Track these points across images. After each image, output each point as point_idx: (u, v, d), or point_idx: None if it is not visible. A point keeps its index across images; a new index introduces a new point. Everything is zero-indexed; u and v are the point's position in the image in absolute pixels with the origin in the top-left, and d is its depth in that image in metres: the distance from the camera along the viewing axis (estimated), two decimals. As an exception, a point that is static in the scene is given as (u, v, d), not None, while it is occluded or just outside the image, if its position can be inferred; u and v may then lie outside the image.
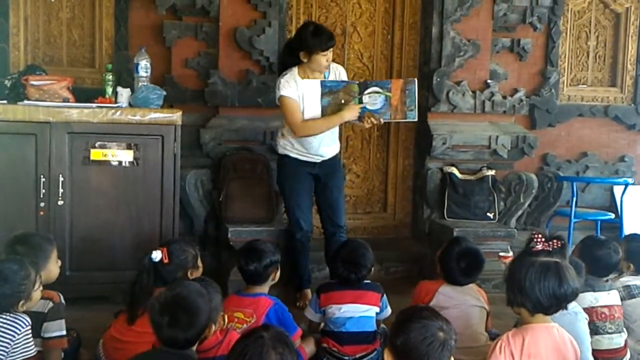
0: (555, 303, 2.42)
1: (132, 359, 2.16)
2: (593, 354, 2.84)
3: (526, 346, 2.36)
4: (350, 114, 3.74)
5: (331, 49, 3.74)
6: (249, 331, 1.94)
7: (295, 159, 3.91)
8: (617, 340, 3.17)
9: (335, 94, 3.75)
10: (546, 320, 2.45)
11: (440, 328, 2.01)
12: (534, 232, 2.89)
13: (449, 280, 3.12)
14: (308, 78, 3.78)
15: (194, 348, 2.21)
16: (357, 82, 3.86)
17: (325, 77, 3.84)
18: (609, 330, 3.14)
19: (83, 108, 3.72)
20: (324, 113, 3.75)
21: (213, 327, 2.26)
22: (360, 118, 3.77)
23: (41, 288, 2.61)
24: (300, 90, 3.74)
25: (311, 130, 3.78)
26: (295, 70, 3.78)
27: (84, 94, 3.92)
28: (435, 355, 1.97)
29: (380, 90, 3.78)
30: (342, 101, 3.74)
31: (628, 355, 3.21)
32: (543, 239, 2.80)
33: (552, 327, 2.45)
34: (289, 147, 3.91)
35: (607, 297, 3.18)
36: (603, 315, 3.14)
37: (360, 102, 3.76)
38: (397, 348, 2.01)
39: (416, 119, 3.91)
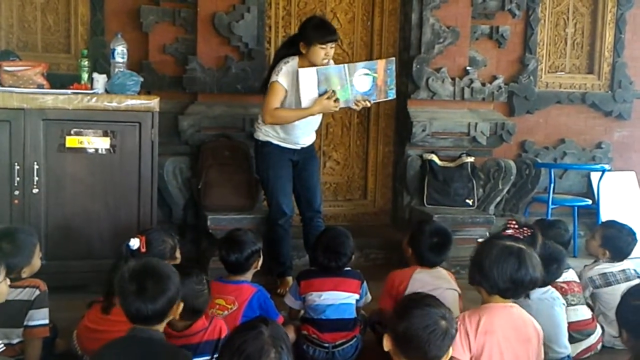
0: (512, 287, 2.42)
1: (101, 347, 2.14)
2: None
3: (482, 325, 2.37)
4: (320, 108, 3.73)
5: (331, 45, 3.76)
6: (246, 324, 1.87)
7: (277, 145, 3.92)
8: (583, 311, 3.27)
9: (329, 80, 3.71)
10: (505, 302, 2.46)
11: (443, 316, 1.99)
12: (510, 219, 2.94)
13: (422, 262, 3.13)
14: None
15: (161, 329, 2.18)
16: (347, 65, 3.82)
17: None
18: (572, 302, 3.24)
19: (58, 94, 3.65)
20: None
21: (181, 306, 2.23)
22: (352, 102, 3.79)
23: (7, 281, 2.53)
24: (294, 82, 3.73)
25: (280, 119, 3.82)
26: (296, 59, 3.80)
27: (59, 80, 3.85)
28: (437, 343, 1.95)
29: (369, 72, 3.80)
30: (339, 87, 3.72)
31: (598, 329, 3.29)
32: (516, 226, 2.88)
33: (511, 307, 2.47)
34: (271, 133, 3.91)
35: (563, 274, 3.25)
36: (563, 290, 3.23)
37: (352, 85, 3.76)
38: (398, 334, 1.98)
39: (395, 97, 4.00)
